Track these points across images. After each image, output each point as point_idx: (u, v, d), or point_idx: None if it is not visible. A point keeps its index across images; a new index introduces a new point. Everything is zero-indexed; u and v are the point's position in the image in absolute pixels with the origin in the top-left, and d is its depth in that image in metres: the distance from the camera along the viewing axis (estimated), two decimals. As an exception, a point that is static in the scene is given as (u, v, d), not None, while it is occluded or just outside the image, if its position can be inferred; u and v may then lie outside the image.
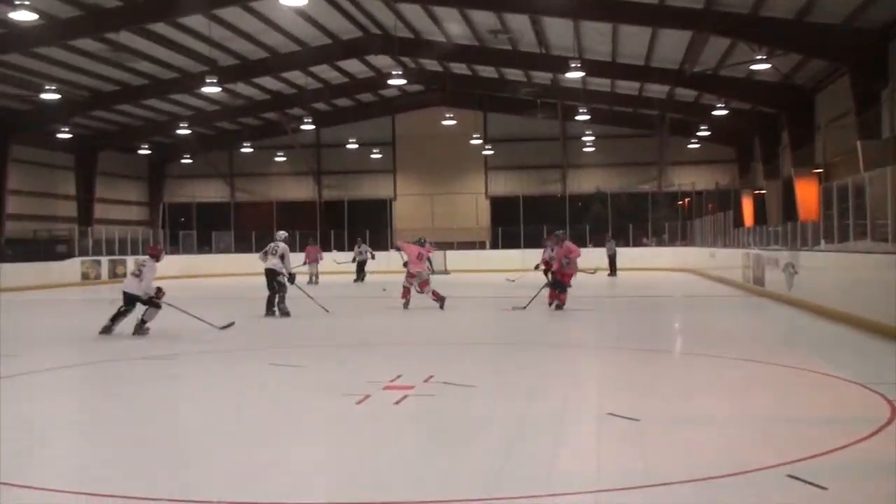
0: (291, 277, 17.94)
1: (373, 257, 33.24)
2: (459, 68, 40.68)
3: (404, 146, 49.81)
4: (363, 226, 45.46)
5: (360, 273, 33.29)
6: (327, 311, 18.17)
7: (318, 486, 5.61)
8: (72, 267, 36.17)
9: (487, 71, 40.28)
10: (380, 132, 49.42)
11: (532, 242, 42.69)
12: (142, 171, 51.39)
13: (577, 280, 19.55)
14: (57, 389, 10.09)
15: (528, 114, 44.17)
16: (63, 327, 16.78)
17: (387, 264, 31.62)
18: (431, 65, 40.60)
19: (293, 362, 11.10)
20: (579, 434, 7.04)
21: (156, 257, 14.86)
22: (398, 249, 20.58)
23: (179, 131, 42.50)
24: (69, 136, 39.73)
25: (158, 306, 14.47)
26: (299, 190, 51.40)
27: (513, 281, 26.69)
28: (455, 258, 40.96)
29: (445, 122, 44.13)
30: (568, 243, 18.66)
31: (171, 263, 39.59)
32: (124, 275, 37.63)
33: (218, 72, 31.48)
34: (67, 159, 43.88)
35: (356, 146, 48.39)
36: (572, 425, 7.33)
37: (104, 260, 38.33)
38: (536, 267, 23.49)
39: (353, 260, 33.71)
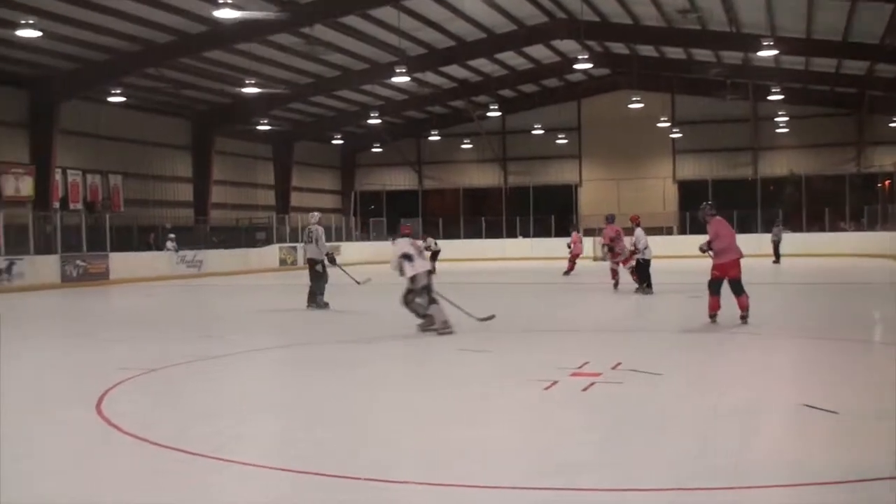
0: (330, 258, 17.14)
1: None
2: (646, 50, 40.00)
3: (590, 131, 49.39)
4: (548, 212, 45.49)
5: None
6: (359, 283, 18.29)
7: (505, 471, 5.70)
8: (270, 253, 37.89)
9: (675, 52, 39.45)
10: (565, 117, 49.16)
11: (722, 227, 41.56)
12: (334, 161, 53.09)
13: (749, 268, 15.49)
14: (257, 370, 10.66)
15: (718, 95, 42.90)
16: (263, 311, 17.61)
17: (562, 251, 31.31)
18: (618, 48, 40.11)
19: (480, 347, 11.29)
20: (773, 426, 6.91)
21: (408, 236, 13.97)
22: (607, 247, 20.58)
23: (370, 121, 43.66)
24: (268, 128, 41.55)
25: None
26: (485, 176, 51.83)
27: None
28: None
29: (632, 106, 43.43)
30: (719, 221, 13.42)
31: (363, 249, 40.95)
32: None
33: (407, 61, 32.13)
34: (266, 150, 45.93)
35: (541, 132, 48.36)
36: (766, 417, 7.18)
37: (300, 246, 39.86)
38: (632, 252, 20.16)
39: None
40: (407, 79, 33.82)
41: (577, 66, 35.94)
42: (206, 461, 5.89)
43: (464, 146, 50.85)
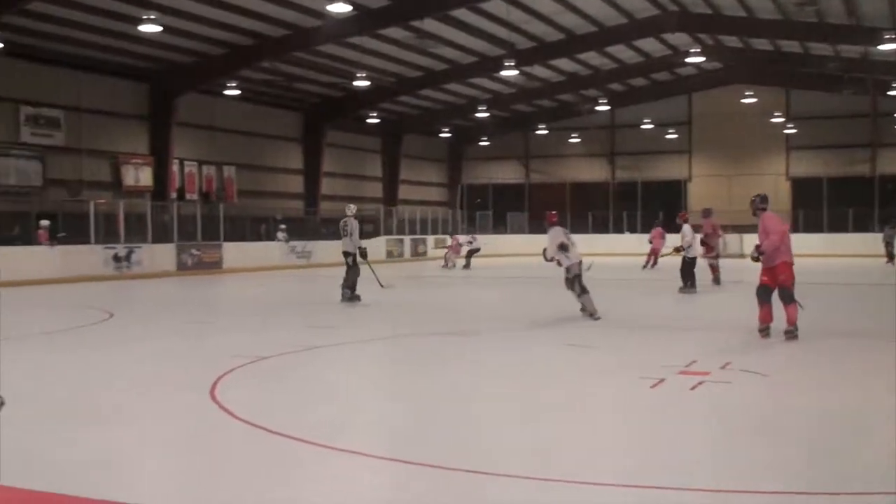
0: (362, 252, 17.06)
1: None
2: (760, 44, 39.06)
3: (701, 125, 48.57)
4: (656, 207, 44.92)
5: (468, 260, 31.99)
6: (382, 286, 18.28)
7: (610, 468, 5.70)
8: (377, 245, 38.26)
9: (791, 45, 38.41)
10: (675, 111, 48.49)
11: (836, 226, 40.45)
12: (442, 154, 53.40)
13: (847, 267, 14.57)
14: (363, 360, 10.83)
15: (835, 90, 41.66)
16: (368, 302, 17.83)
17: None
18: (730, 41, 39.27)
19: (587, 342, 11.25)
20: (883, 430, 6.73)
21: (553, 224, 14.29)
22: (705, 242, 20.38)
23: (478, 114, 43.75)
24: (377, 120, 42.05)
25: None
26: (592, 171, 51.45)
27: (661, 256, 25.80)
28: (752, 241, 39.60)
29: (745, 101, 42.64)
30: (769, 216, 11.61)
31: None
32: (424, 253, 39.51)
33: (515, 55, 32.11)
34: (375, 143, 46.48)
35: (651, 126, 47.82)
36: (875, 421, 7.00)
37: (407, 239, 40.35)
38: (678, 249, 19.74)
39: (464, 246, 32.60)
40: (515, 72, 33.83)
41: (689, 60, 35.42)
42: (317, 449, 6.02)
43: (571, 140, 50.56)
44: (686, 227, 19.32)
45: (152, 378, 9.02)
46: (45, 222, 25.07)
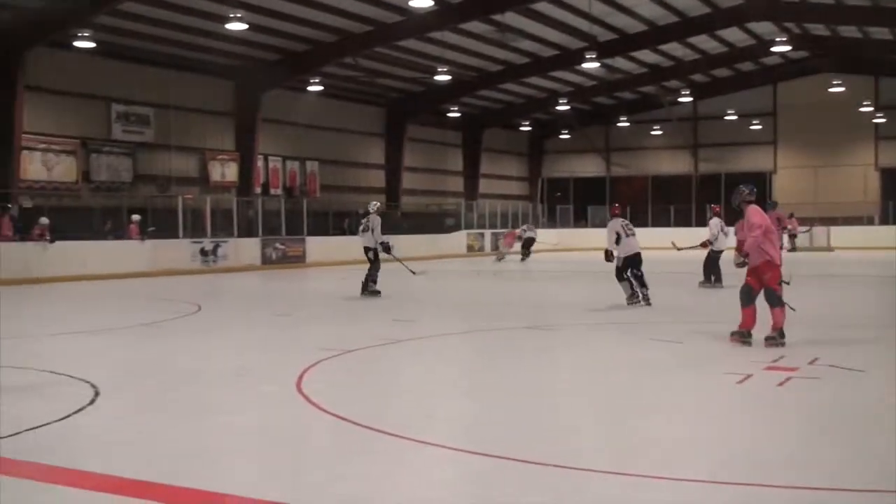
0: (385, 246, 17.37)
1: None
2: (849, 31, 38.15)
3: (786, 116, 47.62)
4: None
5: (526, 251, 32.62)
6: (414, 273, 18.23)
7: (695, 464, 5.64)
8: (458, 239, 38.47)
9: (881, 32, 37.41)
10: (760, 102, 47.63)
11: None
12: (522, 147, 53.28)
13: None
14: (445, 354, 10.86)
15: (928, 78, 40.60)
16: (450, 295, 17.94)
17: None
18: (817, 29, 38.44)
19: (671, 338, 11.15)
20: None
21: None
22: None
23: (558, 107, 43.55)
24: (457, 115, 42.13)
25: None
26: (675, 163, 50.83)
27: (679, 249, 25.16)
28: (839, 234, 38.85)
29: (832, 90, 41.70)
30: (755, 210, 10.31)
31: (549, 236, 40.98)
32: (495, 248, 39.49)
33: (597, 47, 31.89)
34: (455, 137, 46.57)
35: (734, 117, 47.05)
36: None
37: (487, 233, 40.39)
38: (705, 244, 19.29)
39: (519, 238, 33.28)
40: (596, 64, 33.59)
41: (774, 49, 34.78)
42: (402, 442, 6.08)
43: (653, 133, 50.01)
44: (714, 221, 19.02)
45: (239, 370, 9.21)
46: (135, 217, 25.73)
